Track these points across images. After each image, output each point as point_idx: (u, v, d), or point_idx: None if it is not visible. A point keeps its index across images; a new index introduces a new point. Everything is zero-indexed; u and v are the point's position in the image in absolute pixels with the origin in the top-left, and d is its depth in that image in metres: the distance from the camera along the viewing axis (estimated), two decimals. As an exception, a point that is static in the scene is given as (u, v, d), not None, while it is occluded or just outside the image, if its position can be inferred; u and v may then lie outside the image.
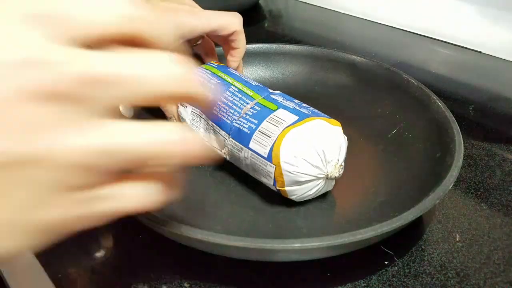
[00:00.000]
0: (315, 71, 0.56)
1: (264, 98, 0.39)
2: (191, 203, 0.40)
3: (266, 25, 0.85)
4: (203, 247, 0.32)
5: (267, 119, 0.37)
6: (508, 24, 0.66)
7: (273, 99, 0.39)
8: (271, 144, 0.35)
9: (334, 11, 0.88)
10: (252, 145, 0.36)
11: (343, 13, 0.86)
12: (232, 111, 0.39)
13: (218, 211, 0.39)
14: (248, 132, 0.37)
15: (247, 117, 0.38)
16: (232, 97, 0.40)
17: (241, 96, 0.40)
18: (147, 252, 0.35)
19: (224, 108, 0.40)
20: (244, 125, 0.38)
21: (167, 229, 0.31)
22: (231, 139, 0.38)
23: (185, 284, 0.33)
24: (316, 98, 0.55)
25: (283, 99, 0.40)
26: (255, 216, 0.38)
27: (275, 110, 0.37)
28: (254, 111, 0.38)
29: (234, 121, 0.38)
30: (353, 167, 0.44)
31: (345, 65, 0.55)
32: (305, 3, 0.91)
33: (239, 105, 0.39)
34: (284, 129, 0.35)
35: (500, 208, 0.40)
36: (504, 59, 0.67)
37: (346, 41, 0.75)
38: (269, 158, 0.35)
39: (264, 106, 0.38)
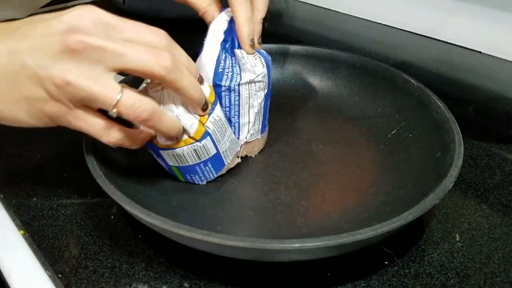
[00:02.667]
0: (315, 71, 0.57)
1: None
2: (191, 203, 0.40)
3: (266, 25, 0.84)
4: (203, 247, 0.32)
5: None
6: (508, 24, 0.66)
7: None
8: None
9: (334, 11, 0.88)
10: None
11: (343, 13, 0.86)
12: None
13: (218, 211, 0.39)
14: None
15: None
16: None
17: None
18: (147, 252, 0.35)
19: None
20: None
21: (167, 229, 0.31)
22: None
23: (185, 284, 0.33)
24: (316, 98, 0.55)
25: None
26: (255, 216, 0.38)
27: None
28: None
29: None
30: (353, 167, 0.44)
31: (345, 65, 0.55)
32: (305, 3, 0.91)
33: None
34: None
35: (500, 208, 0.40)
36: (504, 59, 0.67)
37: (346, 41, 0.75)
38: None
39: None
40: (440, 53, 0.71)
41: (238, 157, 0.44)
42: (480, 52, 0.70)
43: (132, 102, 0.33)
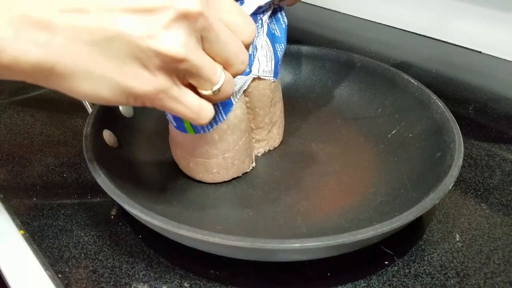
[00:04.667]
0: (315, 71, 0.57)
1: None
2: (191, 203, 0.40)
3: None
4: (203, 247, 0.32)
5: None
6: (508, 24, 0.66)
7: None
8: None
9: (334, 11, 0.88)
10: None
11: (343, 13, 0.86)
12: None
13: (218, 211, 0.39)
14: None
15: None
16: None
17: None
18: (147, 252, 0.35)
19: None
20: None
21: (167, 229, 0.31)
22: None
23: (185, 284, 0.33)
24: (316, 98, 0.55)
25: None
26: (255, 216, 0.38)
27: None
28: None
29: None
30: (353, 167, 0.44)
31: (345, 65, 0.55)
32: (305, 3, 0.91)
33: None
34: None
35: (500, 208, 0.40)
36: (504, 59, 0.67)
37: (346, 41, 0.75)
38: None
39: None
40: (440, 53, 0.71)
41: (252, 161, 0.44)
42: (480, 52, 0.70)
43: (230, 80, 0.31)
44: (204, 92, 0.30)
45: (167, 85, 0.28)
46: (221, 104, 0.38)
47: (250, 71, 0.42)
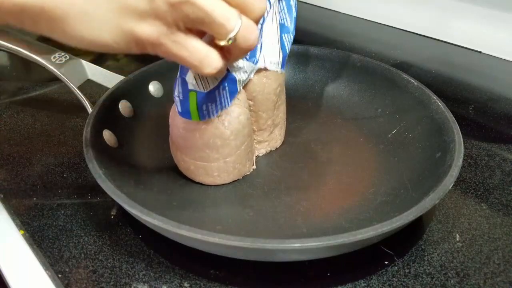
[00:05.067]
0: (315, 71, 0.56)
1: None
2: (191, 203, 0.40)
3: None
4: (203, 247, 0.32)
5: None
6: (508, 24, 0.66)
7: None
8: None
9: (334, 11, 0.88)
10: None
11: (343, 13, 0.86)
12: None
13: (218, 211, 0.39)
14: None
15: None
16: None
17: None
18: (147, 252, 0.35)
19: None
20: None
21: (167, 229, 0.31)
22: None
23: (185, 284, 0.33)
24: (316, 98, 0.55)
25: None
26: (255, 216, 0.38)
27: None
28: None
29: None
30: (353, 167, 0.44)
31: (345, 65, 0.55)
32: (305, 3, 0.91)
33: None
34: None
35: (500, 208, 0.40)
36: (504, 59, 0.67)
37: (346, 41, 0.75)
38: None
39: None
40: (440, 53, 0.71)
41: (253, 164, 0.44)
42: (480, 52, 0.70)
43: (249, 26, 0.28)
44: (220, 43, 0.28)
45: (171, 29, 0.27)
46: (228, 87, 0.38)
47: (258, 60, 0.40)
